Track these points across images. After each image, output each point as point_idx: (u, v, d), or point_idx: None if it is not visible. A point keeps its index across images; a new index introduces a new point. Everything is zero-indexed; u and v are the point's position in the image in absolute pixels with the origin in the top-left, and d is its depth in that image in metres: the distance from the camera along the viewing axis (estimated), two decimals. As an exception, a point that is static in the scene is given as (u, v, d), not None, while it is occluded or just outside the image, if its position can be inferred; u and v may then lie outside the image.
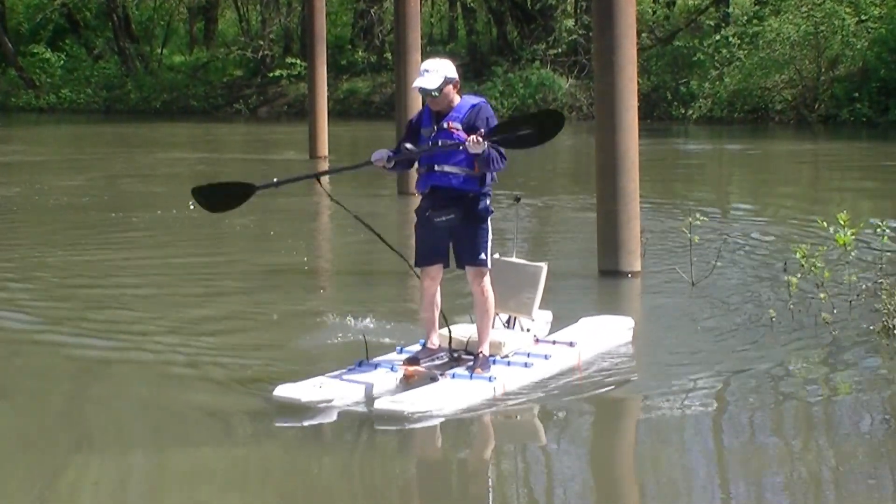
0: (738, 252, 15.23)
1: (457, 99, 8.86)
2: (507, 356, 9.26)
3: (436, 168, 8.78)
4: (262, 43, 51.47)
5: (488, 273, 9.01)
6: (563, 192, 22.37)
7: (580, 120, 41.29)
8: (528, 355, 9.35)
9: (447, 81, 8.76)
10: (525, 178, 24.91)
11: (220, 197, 9.19)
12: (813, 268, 11.47)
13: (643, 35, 41.03)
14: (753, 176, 26.24)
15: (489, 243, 8.94)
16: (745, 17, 41.60)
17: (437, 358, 9.17)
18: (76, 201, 21.69)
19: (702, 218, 13.82)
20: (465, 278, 9.15)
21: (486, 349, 9.08)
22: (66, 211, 20.44)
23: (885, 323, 10.44)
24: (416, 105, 22.76)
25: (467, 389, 8.64)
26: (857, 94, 36.63)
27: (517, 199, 10.22)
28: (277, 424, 8.31)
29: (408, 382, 8.84)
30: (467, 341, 9.28)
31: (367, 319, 10.96)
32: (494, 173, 8.85)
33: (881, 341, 10.25)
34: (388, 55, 46.30)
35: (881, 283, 11.12)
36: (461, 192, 8.78)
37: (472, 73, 46.50)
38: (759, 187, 23.85)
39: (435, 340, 9.22)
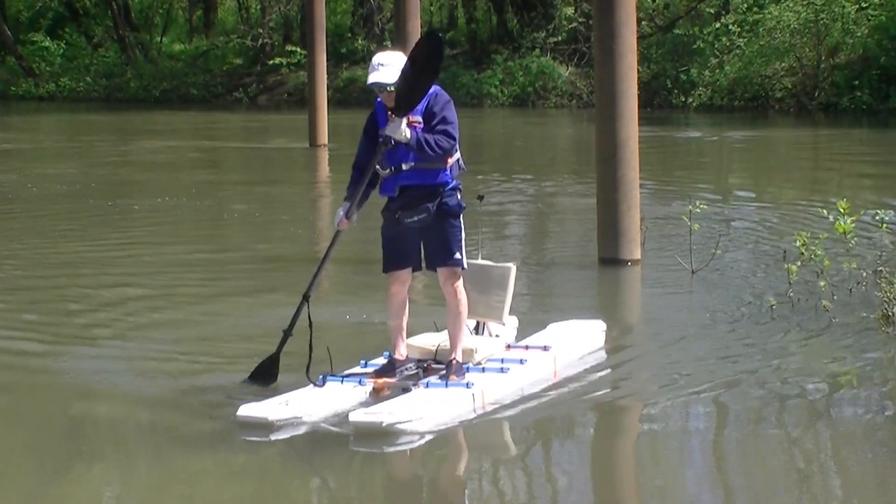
0: (738, 240, 15.23)
1: None
2: (479, 363, 8.76)
3: (404, 167, 8.23)
4: (261, 31, 51.41)
5: (461, 274, 8.51)
6: (563, 181, 22.36)
7: (580, 108, 41.27)
8: (503, 361, 8.88)
9: None
10: (525, 166, 24.94)
11: (267, 369, 8.76)
12: (813, 256, 11.47)
13: (643, 23, 40.97)
14: (753, 164, 26.23)
15: (463, 242, 8.43)
16: (745, 5, 41.53)
17: (406, 369, 8.58)
18: (64, 189, 21.67)
19: (702, 206, 13.82)
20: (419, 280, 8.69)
21: (459, 356, 8.56)
22: (55, 199, 20.44)
23: (885, 310, 10.44)
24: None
25: (445, 398, 8.13)
26: (857, 82, 36.61)
27: (480, 198, 9.47)
28: (245, 439, 7.79)
29: (378, 395, 8.33)
30: (436, 350, 8.76)
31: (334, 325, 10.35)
32: (461, 162, 8.39)
33: (881, 329, 10.25)
34: (388, 43, 46.20)
35: (881, 270, 11.11)
36: (433, 188, 8.26)
37: (472, 62, 46.48)
38: (759, 175, 23.84)
39: (403, 351, 8.63)
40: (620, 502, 7.06)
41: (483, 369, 8.67)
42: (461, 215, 8.41)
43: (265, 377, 8.69)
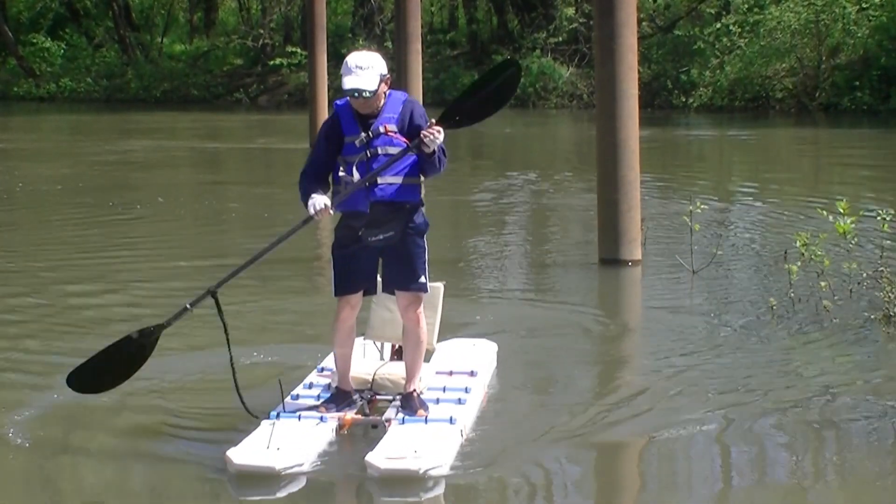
0: (739, 240, 15.23)
1: (383, 97, 7.50)
2: (421, 392, 7.91)
3: (378, 181, 7.37)
4: (262, 32, 51.44)
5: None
6: (564, 181, 22.36)
7: (581, 108, 41.28)
8: (444, 390, 8.11)
9: (381, 79, 7.40)
10: (525, 167, 24.93)
11: (108, 370, 7.48)
12: (813, 256, 11.47)
13: (644, 23, 40.99)
14: (754, 164, 26.23)
15: (427, 264, 7.65)
16: (746, 6, 41.55)
17: (352, 403, 7.78)
18: (61, 188, 21.68)
19: (702, 206, 13.82)
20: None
21: (418, 386, 7.81)
22: (52, 200, 20.44)
23: (886, 311, 10.45)
24: (414, 94, 22.74)
25: (435, 435, 7.27)
26: (857, 83, 36.62)
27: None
28: (247, 499, 6.88)
29: (341, 432, 7.58)
30: (372, 379, 8.00)
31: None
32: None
33: (882, 329, 10.25)
34: (389, 44, 46.22)
35: (882, 270, 11.12)
36: (401, 205, 7.45)
37: (473, 62, 46.49)
38: (759, 175, 23.83)
39: (349, 381, 7.86)
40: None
41: (438, 401, 7.89)
42: (426, 235, 7.66)
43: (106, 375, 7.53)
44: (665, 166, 24.48)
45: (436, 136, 7.25)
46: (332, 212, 7.41)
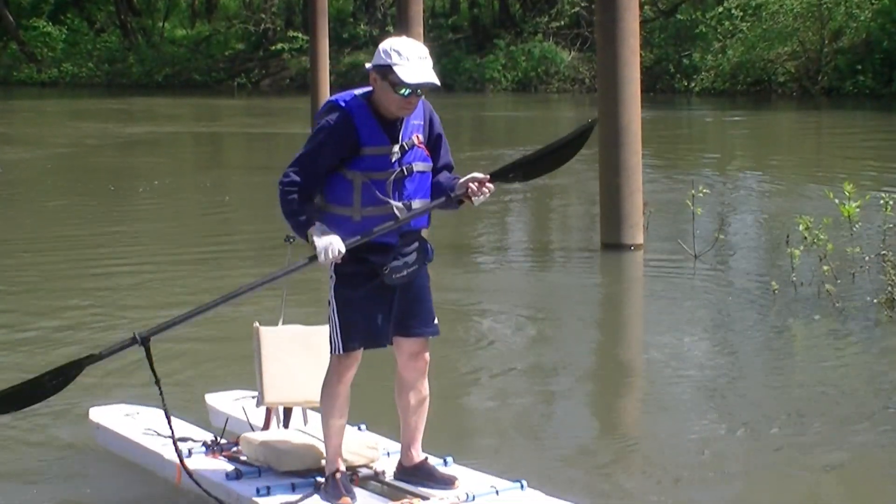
0: (741, 224, 15.24)
1: None
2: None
3: (415, 205, 5.87)
4: (263, 16, 51.37)
5: None
6: (565, 165, 22.32)
7: (582, 93, 41.23)
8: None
9: None
10: (525, 151, 24.88)
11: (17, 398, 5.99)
12: (816, 240, 11.46)
13: (645, 7, 40.89)
14: (756, 148, 26.21)
15: None
16: (748, -11, 41.47)
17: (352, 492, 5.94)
18: (62, 173, 21.69)
19: (705, 190, 13.81)
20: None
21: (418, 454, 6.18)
22: (53, 183, 20.45)
23: (889, 294, 10.44)
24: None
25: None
26: (860, 66, 36.55)
27: (289, 239, 6.48)
28: None
29: None
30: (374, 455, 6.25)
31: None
32: None
33: (885, 313, 10.25)
34: (390, 28, 46.15)
35: (885, 254, 11.11)
36: (419, 232, 5.98)
37: (475, 47, 46.41)
38: (762, 159, 23.81)
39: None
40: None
41: (446, 462, 6.35)
42: None
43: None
44: (667, 151, 24.46)
45: (487, 195, 5.90)
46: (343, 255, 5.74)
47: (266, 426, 6.62)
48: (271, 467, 6.11)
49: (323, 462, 6.03)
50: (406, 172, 5.81)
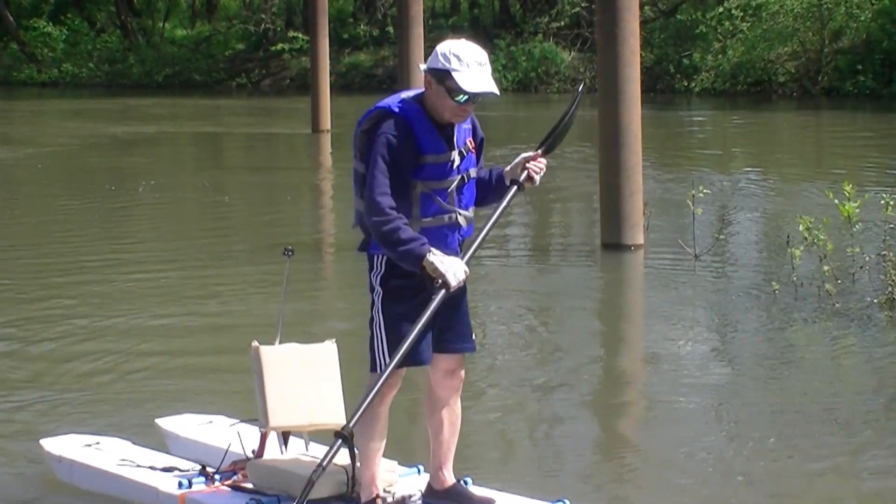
0: (741, 224, 15.23)
1: None
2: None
3: (470, 212, 5.70)
4: (263, 16, 51.32)
5: None
6: (565, 165, 22.32)
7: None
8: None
9: None
10: (526, 150, 24.86)
11: None
12: (816, 240, 11.46)
13: (646, 7, 40.84)
14: (757, 148, 26.18)
15: None
16: (748, -11, 41.43)
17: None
18: (65, 172, 21.68)
19: (705, 190, 13.80)
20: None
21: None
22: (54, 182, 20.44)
23: (889, 294, 10.43)
24: (417, 79, 22.66)
25: None
26: (860, 66, 36.52)
27: (288, 252, 6.35)
28: None
29: None
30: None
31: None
32: None
33: (885, 313, 10.24)
34: (390, 29, 46.16)
35: (885, 254, 11.11)
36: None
37: (475, 47, 46.37)
38: (762, 159, 23.79)
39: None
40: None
41: (465, 482, 6.01)
42: None
43: None
44: (667, 151, 24.45)
45: (544, 170, 5.83)
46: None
47: (260, 453, 6.14)
48: (291, 495, 5.63)
49: (344, 488, 5.71)
50: (465, 179, 5.61)
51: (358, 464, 5.33)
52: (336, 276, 12.61)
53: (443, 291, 5.34)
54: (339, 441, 5.25)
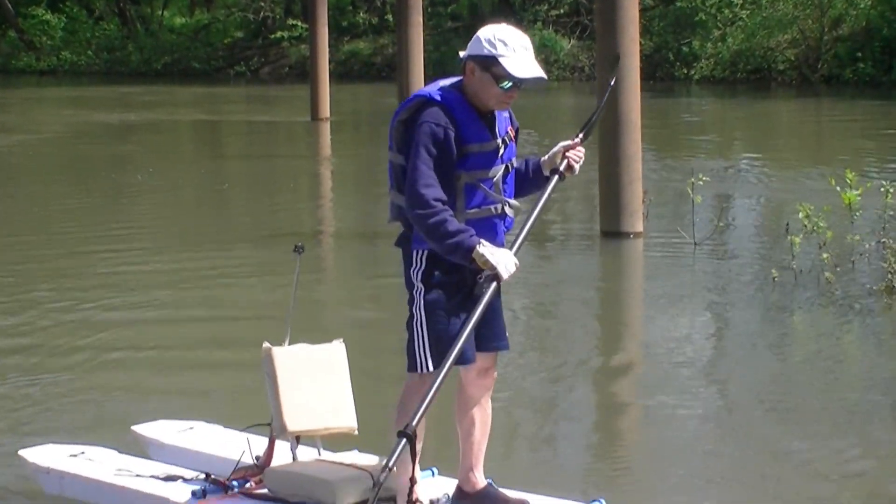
0: (741, 212, 15.24)
1: None
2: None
3: (510, 208, 5.50)
4: (262, 4, 51.25)
5: None
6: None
7: (582, 81, 41.17)
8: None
9: None
10: (526, 138, 24.88)
11: None
12: (815, 227, 11.45)
13: (645, -5, 40.84)
14: (756, 136, 26.17)
15: None
16: (748, -23, 41.38)
17: None
18: (63, 161, 21.67)
19: (704, 178, 13.80)
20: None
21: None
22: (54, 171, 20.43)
23: (889, 282, 10.44)
24: (416, 68, 22.63)
25: None
26: (860, 54, 36.49)
27: (298, 249, 5.97)
28: None
29: None
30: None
31: None
32: None
33: (884, 300, 10.24)
34: (389, 17, 46.10)
35: (884, 242, 11.10)
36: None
37: (474, 35, 46.31)
38: (761, 147, 23.78)
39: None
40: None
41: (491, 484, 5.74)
42: None
43: None
44: (667, 138, 24.44)
45: (583, 158, 5.77)
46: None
47: (268, 460, 5.88)
48: (320, 501, 5.49)
49: (369, 494, 5.22)
50: (509, 168, 5.44)
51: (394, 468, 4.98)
52: (336, 264, 12.60)
53: (494, 285, 5.14)
54: (404, 441, 4.91)
